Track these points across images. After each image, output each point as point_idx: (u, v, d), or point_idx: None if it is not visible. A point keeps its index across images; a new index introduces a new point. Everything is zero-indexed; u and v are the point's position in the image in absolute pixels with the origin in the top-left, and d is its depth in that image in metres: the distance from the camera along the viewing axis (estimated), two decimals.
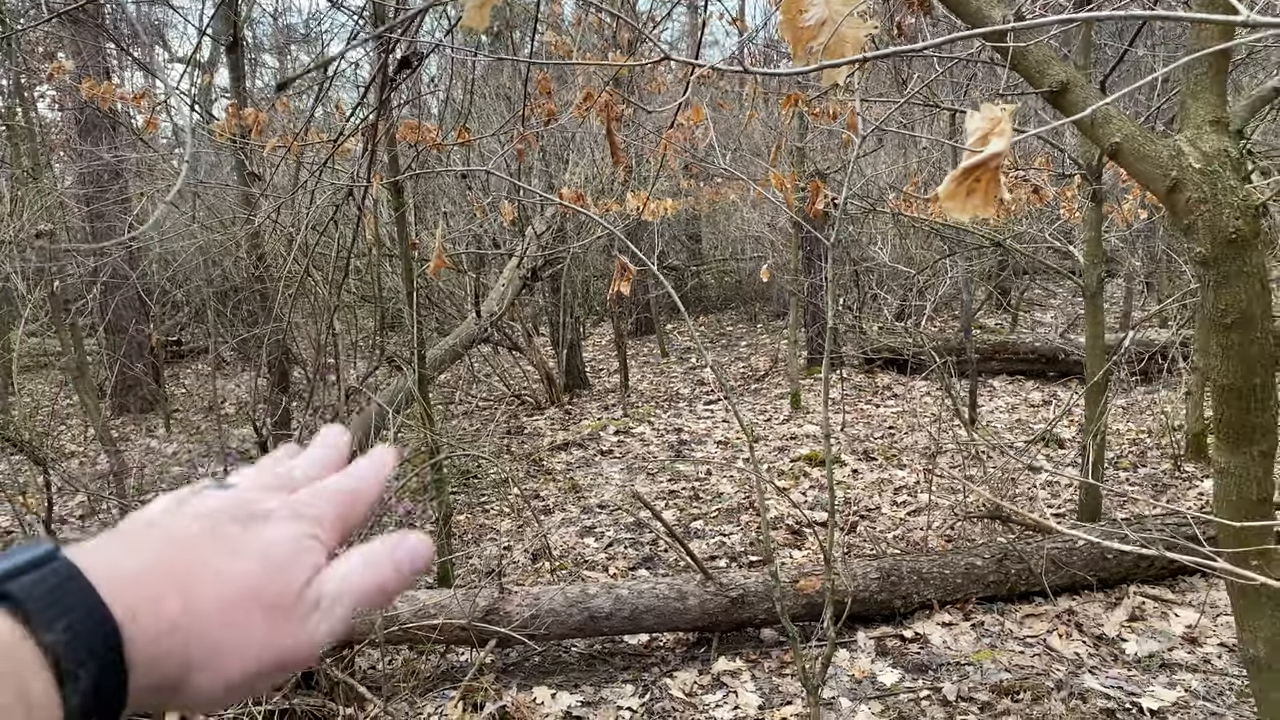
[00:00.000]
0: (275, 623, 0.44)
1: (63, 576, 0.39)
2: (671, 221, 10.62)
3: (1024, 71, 1.81)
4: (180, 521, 0.46)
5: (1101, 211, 3.89)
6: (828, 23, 1.34)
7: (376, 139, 2.92)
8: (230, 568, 0.44)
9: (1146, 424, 6.01)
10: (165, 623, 0.41)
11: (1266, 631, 1.77)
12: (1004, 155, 0.89)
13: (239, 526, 0.46)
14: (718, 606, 3.68)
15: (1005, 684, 3.34)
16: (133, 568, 0.42)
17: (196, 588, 0.43)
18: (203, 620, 0.42)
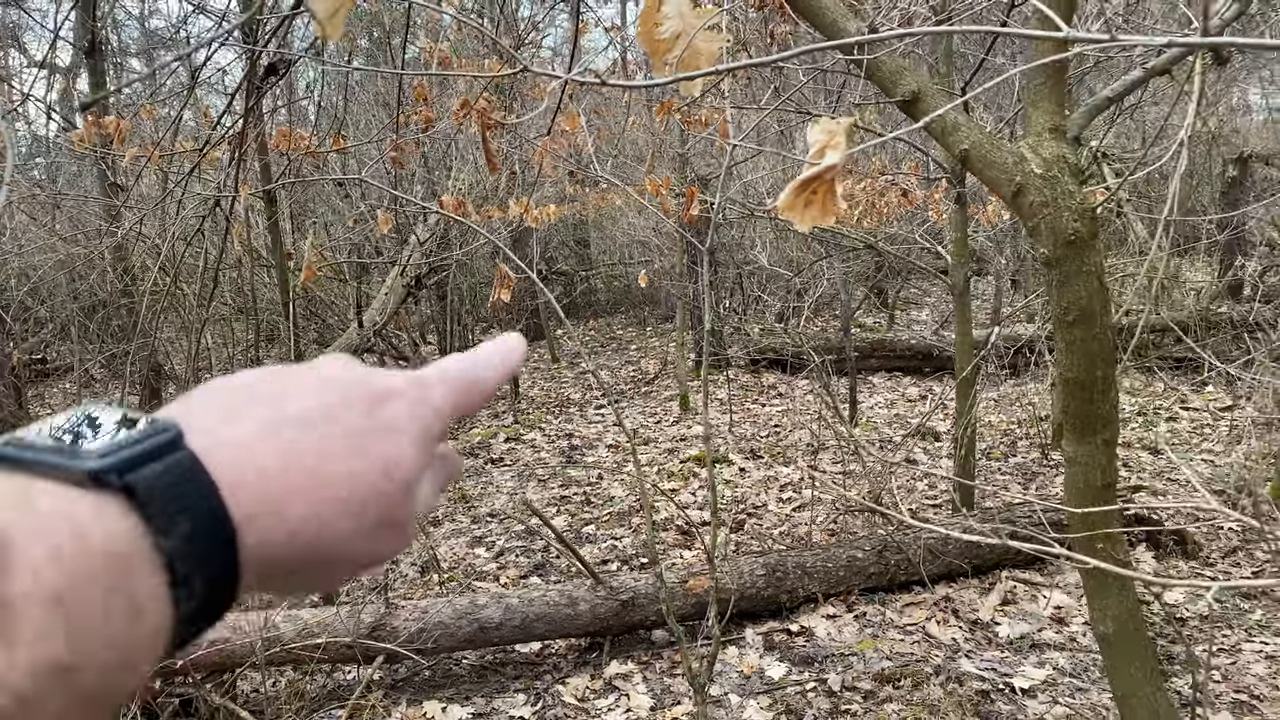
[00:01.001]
0: (385, 531, 0.42)
1: (186, 472, 0.36)
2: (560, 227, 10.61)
3: (879, 81, 1.88)
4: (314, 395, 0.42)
5: (966, 213, 4.06)
6: (682, 36, 1.36)
7: (243, 148, 2.84)
8: (356, 467, 0.41)
9: (1016, 415, 6.29)
10: (286, 530, 0.39)
11: (1114, 610, 1.87)
12: (839, 168, 0.93)
13: (372, 401, 0.43)
14: (609, 611, 3.69)
15: (887, 672, 3.45)
16: (259, 462, 0.39)
17: (321, 491, 0.40)
18: (320, 529, 0.40)
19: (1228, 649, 3.52)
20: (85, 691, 0.31)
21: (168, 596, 0.34)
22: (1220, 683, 3.30)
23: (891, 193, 4.48)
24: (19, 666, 0.29)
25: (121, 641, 0.32)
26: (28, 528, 0.31)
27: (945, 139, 1.79)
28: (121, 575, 0.33)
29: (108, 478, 0.34)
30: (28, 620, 0.30)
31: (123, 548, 0.33)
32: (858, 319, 9.24)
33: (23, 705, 0.29)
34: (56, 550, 0.31)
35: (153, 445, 0.36)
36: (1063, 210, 1.68)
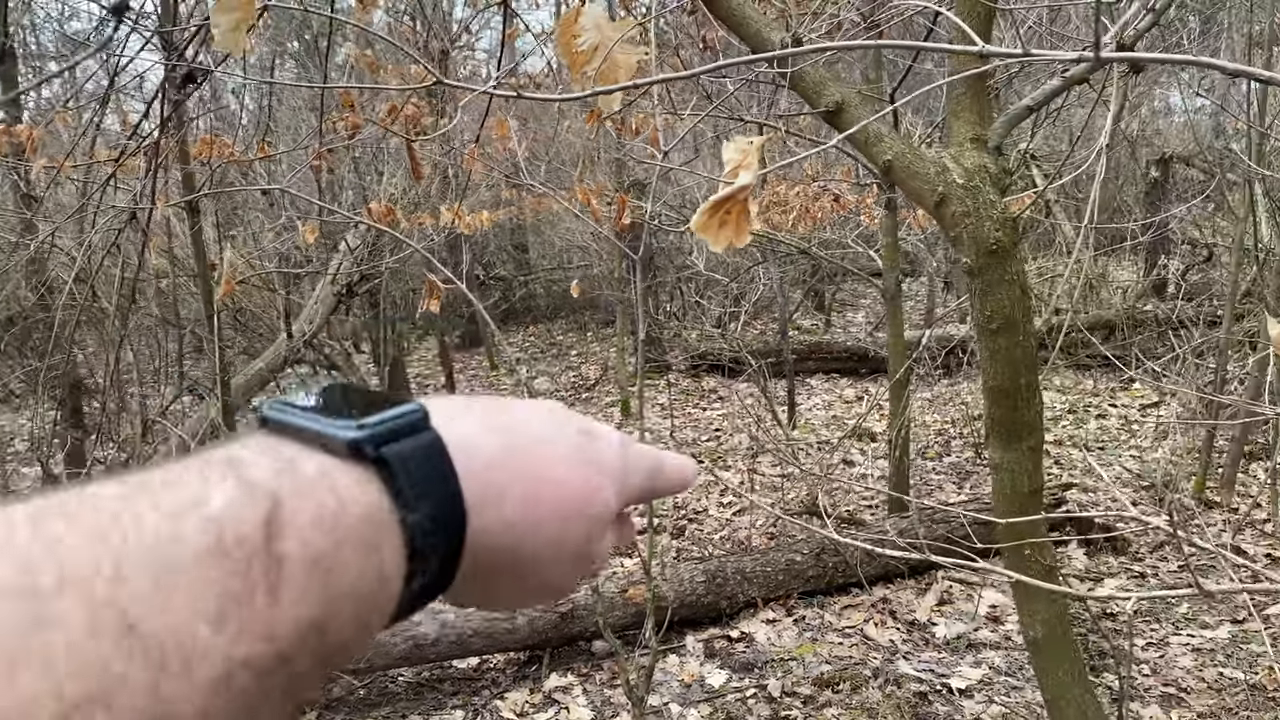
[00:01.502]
0: (578, 556, 0.45)
1: (433, 452, 0.38)
2: (497, 232, 10.52)
3: (802, 92, 1.88)
4: (537, 415, 0.45)
5: (897, 218, 4.10)
6: (600, 48, 1.34)
7: (160, 158, 2.76)
8: (568, 479, 0.44)
9: (950, 414, 6.37)
10: (501, 523, 0.41)
11: (1043, 614, 1.89)
12: (751, 188, 0.91)
13: (587, 436, 0.46)
14: (547, 623, 3.66)
15: (826, 676, 3.47)
16: (484, 455, 0.41)
17: (540, 490, 0.43)
18: (535, 527, 0.42)
19: (1156, 643, 3.60)
20: (328, 652, 0.33)
21: (405, 571, 0.36)
22: (1149, 676, 3.37)
23: (824, 198, 4.51)
24: (283, 623, 0.31)
25: (366, 608, 0.34)
26: (294, 492, 0.33)
27: (869, 150, 1.79)
28: (373, 545, 0.35)
29: (365, 449, 0.36)
30: (293, 580, 0.31)
31: (375, 517, 0.35)
32: (795, 322, 9.31)
33: (281, 660, 0.30)
34: (320, 515, 0.33)
35: (404, 423, 0.38)
36: (984, 220, 1.69)
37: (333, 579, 0.33)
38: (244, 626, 0.29)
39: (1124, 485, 5.06)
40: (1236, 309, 5.11)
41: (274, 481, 0.33)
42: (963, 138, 1.76)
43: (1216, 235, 8.47)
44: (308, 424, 0.37)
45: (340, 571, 0.33)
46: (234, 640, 0.29)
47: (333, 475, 0.35)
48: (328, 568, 0.32)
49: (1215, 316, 6.60)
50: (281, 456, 0.35)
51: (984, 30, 1.71)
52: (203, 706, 0.28)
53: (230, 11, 1.13)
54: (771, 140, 4.97)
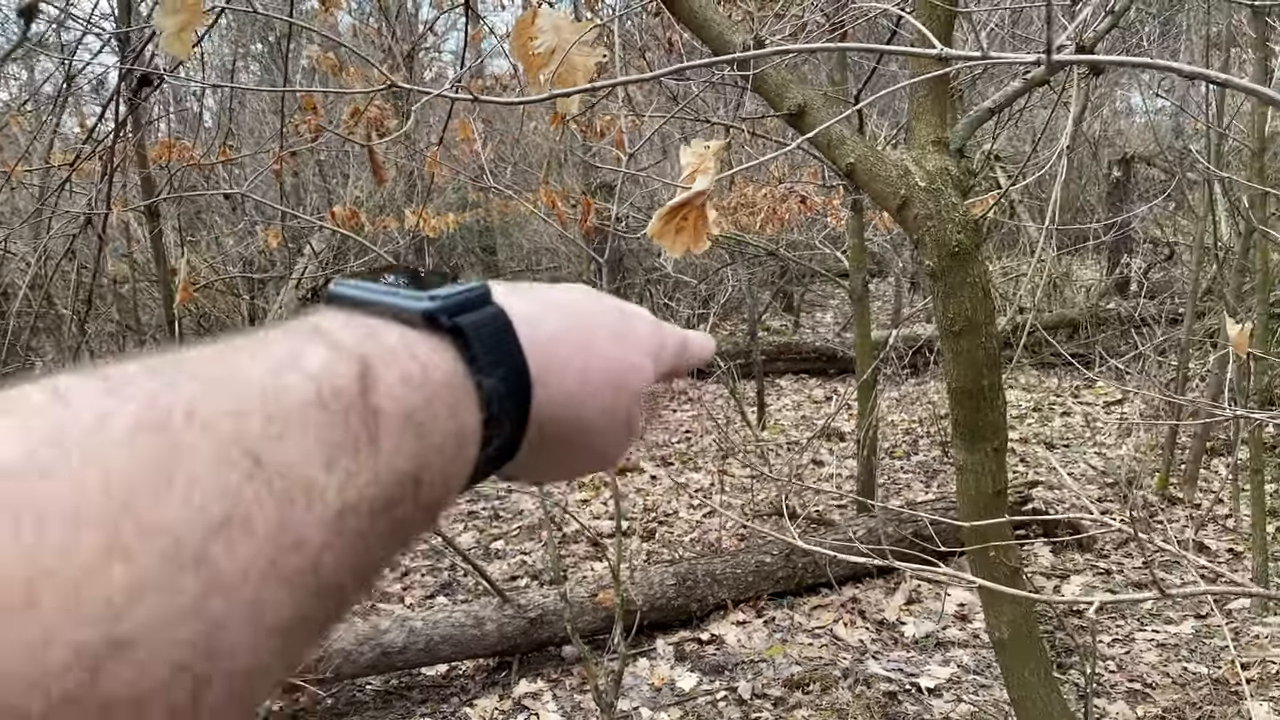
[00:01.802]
0: (624, 426, 0.47)
1: (501, 324, 0.40)
2: (464, 234, 10.46)
3: (765, 94, 1.87)
4: (580, 295, 0.48)
5: (863, 219, 4.11)
6: (557, 50, 1.33)
7: (116, 162, 2.71)
8: (614, 351, 0.47)
9: (917, 413, 6.41)
10: (562, 393, 0.43)
11: (1008, 615, 1.90)
12: (708, 193, 0.90)
13: (623, 315, 0.49)
14: (517, 629, 3.63)
15: (796, 677, 3.47)
16: (546, 330, 0.43)
17: (593, 361, 0.45)
18: (590, 397, 0.45)
19: (1121, 639, 3.63)
20: (424, 504, 0.35)
21: (480, 436, 0.38)
22: (1115, 673, 3.40)
23: (791, 199, 4.52)
24: (384, 473, 0.32)
25: (451, 467, 0.36)
26: (381, 354, 0.34)
27: (831, 153, 1.79)
28: (455, 406, 0.36)
29: (439, 318, 0.38)
30: (391, 432, 0.33)
31: (455, 381, 0.37)
32: (764, 323, 9.33)
33: (387, 504, 0.32)
34: (407, 375, 0.35)
35: (472, 296, 0.40)
36: (946, 222, 1.69)
37: (424, 433, 0.34)
38: (351, 470, 0.31)
39: (1088, 482, 5.11)
40: (1197, 307, 5.17)
41: (361, 345, 0.34)
42: (925, 140, 1.77)
43: (1178, 234, 8.59)
44: (380, 298, 0.38)
45: (430, 428, 0.35)
46: (343, 483, 0.31)
47: (413, 342, 0.36)
48: (419, 422, 0.34)
49: (1177, 314, 6.69)
50: (363, 325, 0.36)
51: (944, 33, 1.71)
52: (325, 540, 0.30)
53: (176, 14, 1.10)
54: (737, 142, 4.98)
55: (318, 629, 0.31)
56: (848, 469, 5.52)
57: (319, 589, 0.30)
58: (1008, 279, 7.69)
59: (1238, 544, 4.28)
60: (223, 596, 0.26)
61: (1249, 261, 4.40)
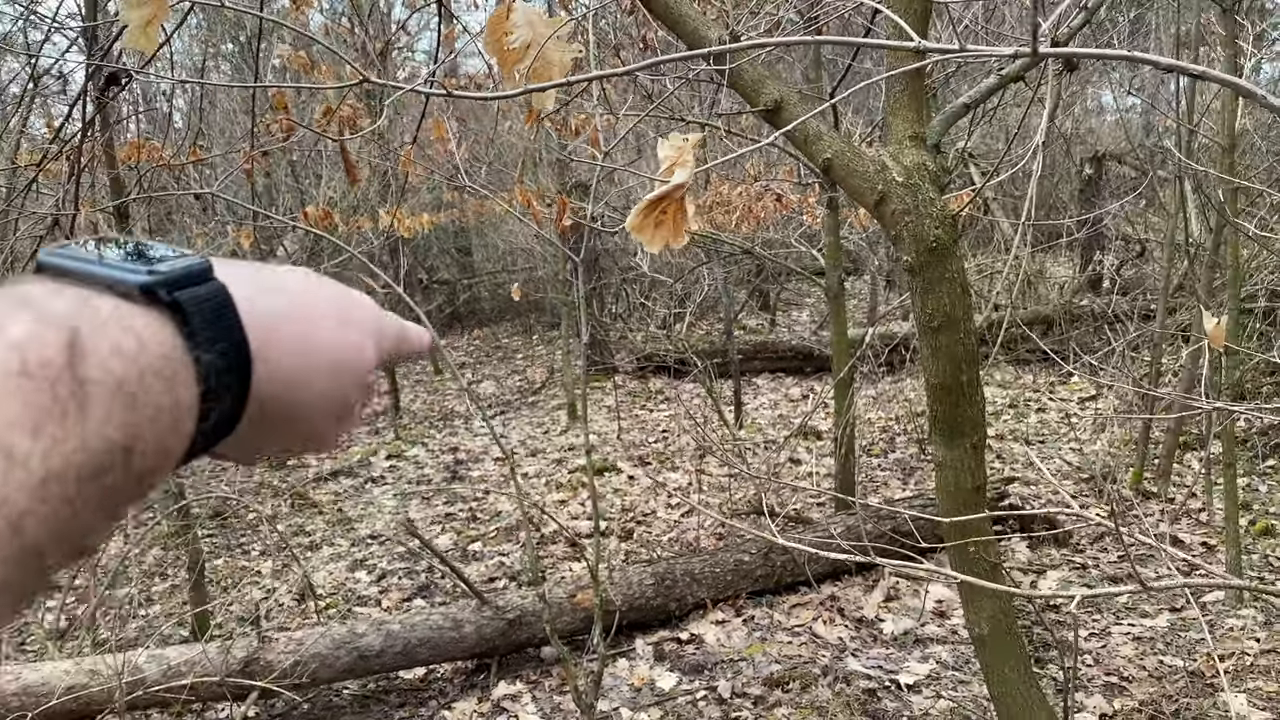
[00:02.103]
0: (343, 410, 0.48)
1: (221, 300, 0.40)
2: (440, 234, 10.40)
3: (741, 90, 1.86)
4: (301, 277, 0.48)
5: (838, 217, 4.11)
6: (532, 46, 1.31)
7: (82, 163, 2.66)
8: (336, 333, 0.47)
9: (894, 411, 6.43)
10: (283, 370, 0.43)
11: (988, 611, 1.89)
12: (686, 186, 0.89)
13: (346, 298, 0.49)
14: (495, 630, 3.60)
15: (776, 676, 3.46)
16: (268, 307, 0.43)
17: (313, 342, 0.45)
18: (311, 376, 0.45)
19: (1098, 633, 3.65)
20: (135, 474, 0.35)
21: (198, 409, 0.38)
22: (1092, 666, 3.42)
23: (767, 197, 4.52)
24: (92, 441, 0.33)
25: (167, 439, 0.37)
26: (92, 326, 0.35)
27: (808, 148, 1.78)
28: (170, 380, 0.37)
29: (159, 292, 0.38)
30: (100, 401, 0.33)
31: (172, 354, 0.37)
32: (741, 322, 9.34)
33: (94, 472, 0.33)
34: (118, 347, 0.35)
35: (192, 270, 0.40)
36: (924, 218, 1.69)
37: (137, 404, 0.35)
38: (57, 438, 0.32)
39: (1064, 477, 5.14)
40: (1169, 303, 5.22)
41: (72, 316, 0.34)
42: (901, 135, 1.76)
43: (1149, 231, 8.67)
44: (95, 270, 0.38)
45: (143, 400, 0.35)
46: (49, 450, 0.31)
47: (128, 315, 0.37)
48: (131, 393, 0.35)
49: (1149, 310, 6.75)
50: (75, 295, 0.36)
51: (920, 28, 1.71)
52: (26, 506, 0.31)
53: (141, 7, 1.08)
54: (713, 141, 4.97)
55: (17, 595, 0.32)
56: (825, 467, 5.52)
57: (20, 554, 0.31)
58: (983, 276, 7.73)
59: (1211, 537, 4.32)
60: None
61: (1220, 257, 4.44)
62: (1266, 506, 4.61)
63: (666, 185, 0.93)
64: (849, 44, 1.49)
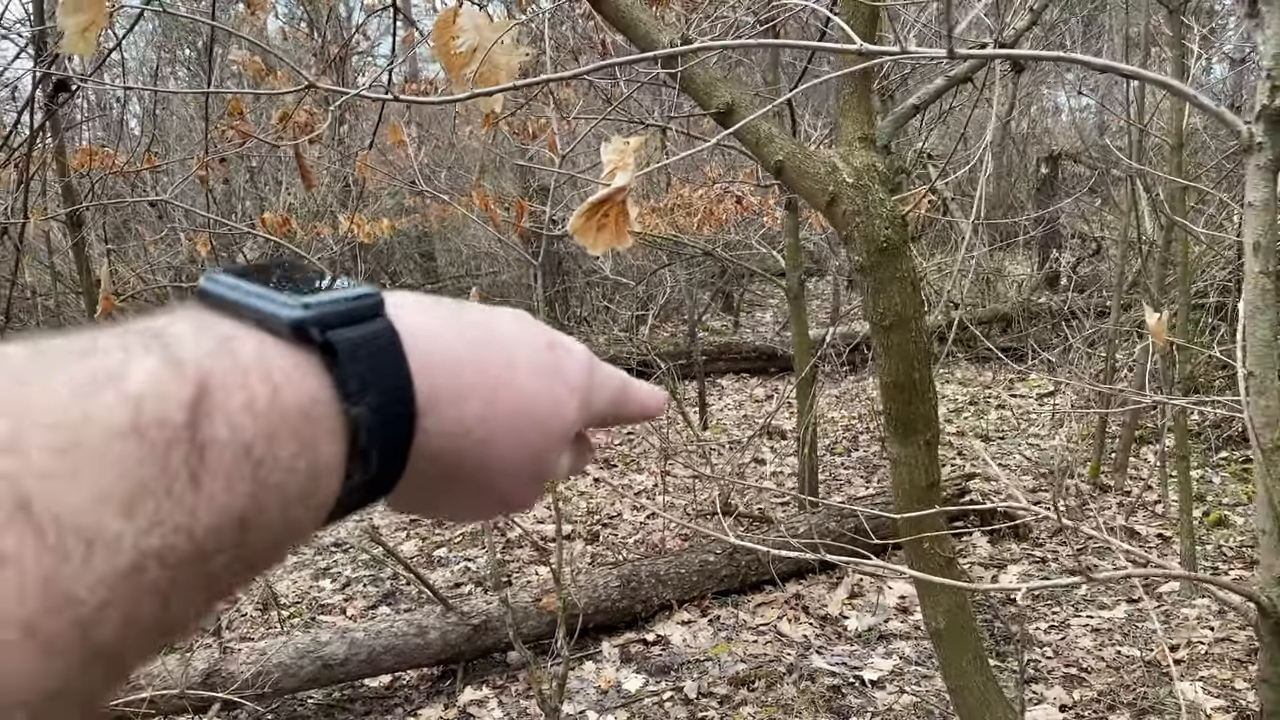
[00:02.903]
0: (534, 472, 0.42)
1: (385, 341, 0.35)
2: (402, 240, 10.33)
3: (693, 94, 1.87)
4: (502, 318, 0.43)
5: (797, 218, 4.15)
6: (479, 49, 1.31)
7: (32, 171, 2.62)
8: (532, 384, 0.41)
9: (857, 410, 6.48)
10: (459, 424, 0.38)
11: (944, 605, 1.92)
12: (628, 189, 0.90)
13: (553, 346, 0.44)
14: (460, 636, 3.59)
15: (742, 675, 3.48)
16: (446, 352, 0.38)
17: (503, 392, 0.40)
18: (497, 433, 0.40)
19: (1057, 625, 3.71)
20: (253, 549, 0.30)
21: (343, 468, 0.34)
22: (1052, 658, 3.47)
23: (727, 199, 4.54)
24: (203, 517, 0.28)
25: (296, 504, 0.32)
26: (226, 375, 0.30)
27: (760, 151, 1.80)
28: (309, 438, 0.32)
29: (310, 331, 0.33)
30: (220, 469, 0.29)
31: (313, 409, 0.32)
32: (705, 323, 9.37)
33: (200, 555, 0.28)
34: (251, 402, 0.30)
35: (356, 307, 0.35)
36: (874, 218, 1.71)
37: (263, 472, 0.30)
38: (159, 516, 0.27)
39: (1023, 473, 5.22)
40: (1123, 300, 5.31)
41: (206, 361, 0.30)
42: (852, 137, 1.78)
43: (1105, 229, 8.81)
44: (249, 300, 0.34)
45: (271, 464, 0.30)
46: (146, 530, 0.27)
47: (271, 358, 0.32)
48: (258, 459, 0.30)
49: (1104, 307, 6.86)
50: (217, 334, 0.32)
51: (868, 31, 1.73)
52: (106, 597, 0.26)
53: (78, 13, 1.07)
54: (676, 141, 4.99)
55: (84, 699, 0.26)
56: (789, 466, 5.56)
57: (88, 659, 0.26)
58: (943, 275, 7.82)
59: (1167, 529, 4.40)
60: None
61: (1171, 254, 4.53)
62: (1220, 498, 4.71)
63: (608, 189, 0.93)
64: (793, 47, 1.51)
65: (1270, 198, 0.82)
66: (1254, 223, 0.83)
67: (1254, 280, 0.84)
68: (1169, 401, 1.96)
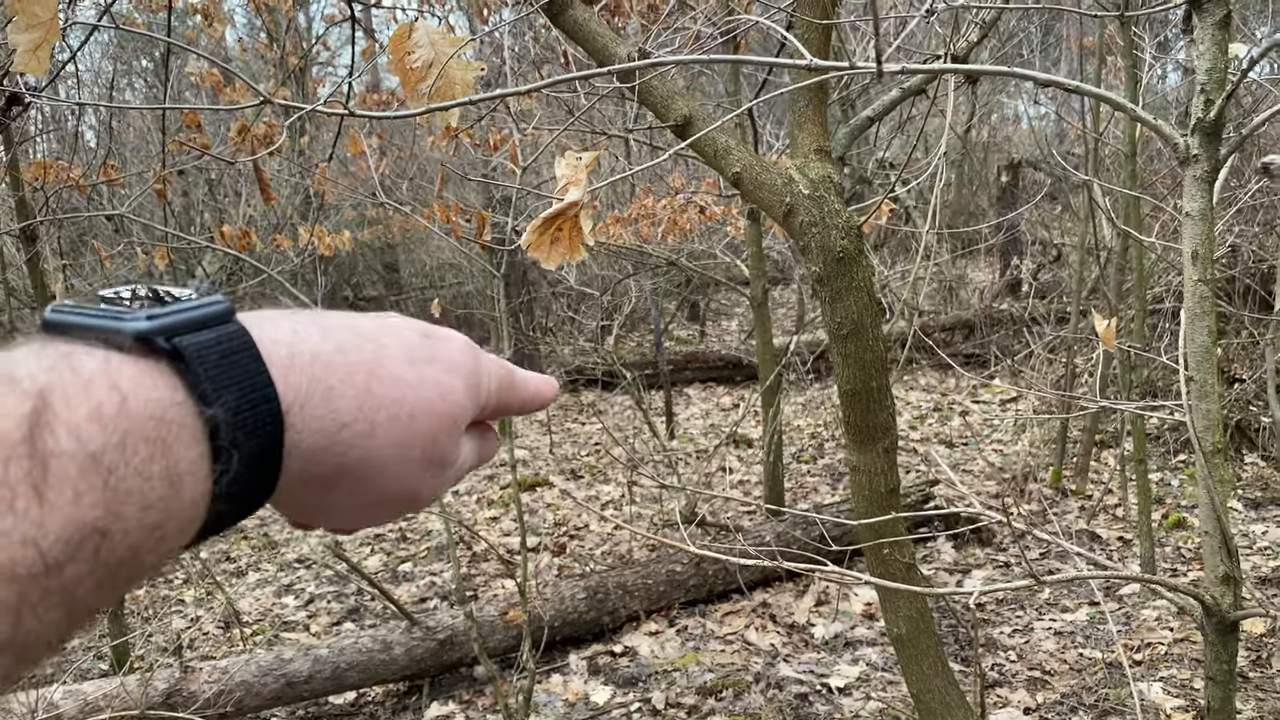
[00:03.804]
0: (429, 462, 0.42)
1: (236, 344, 0.35)
2: (366, 252, 10.28)
3: (651, 106, 1.88)
4: (376, 319, 0.43)
5: (760, 228, 4.17)
6: (435, 64, 1.31)
7: None
8: (409, 374, 0.41)
9: (823, 417, 6.52)
10: (333, 420, 0.38)
11: (904, 611, 1.93)
12: (580, 204, 0.90)
13: (427, 336, 0.43)
14: (426, 651, 3.57)
15: (709, 684, 3.48)
16: (311, 351, 0.38)
17: (376, 386, 0.39)
18: (370, 430, 0.39)
19: (1021, 629, 3.74)
20: (113, 560, 0.30)
21: (207, 471, 0.33)
22: (1016, 662, 3.50)
23: (691, 209, 4.56)
24: (51, 528, 0.28)
25: (156, 511, 0.31)
26: (67, 387, 0.30)
27: (718, 163, 1.81)
28: (162, 441, 0.32)
29: (155, 340, 0.33)
30: (66, 479, 0.29)
31: (165, 413, 0.32)
32: (671, 332, 9.39)
33: (50, 568, 0.28)
34: (97, 410, 0.30)
35: (204, 315, 0.35)
36: (830, 229, 1.72)
37: (114, 479, 0.30)
38: (1, 530, 0.27)
39: (987, 478, 5.27)
40: (1083, 306, 5.38)
41: (44, 376, 0.30)
42: (807, 149, 1.80)
43: (1064, 236, 8.93)
44: (92, 321, 0.34)
45: (123, 470, 0.30)
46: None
47: (116, 369, 0.32)
48: (109, 466, 0.30)
49: (1065, 313, 6.95)
50: (57, 352, 0.31)
51: (822, 45, 1.75)
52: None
53: (29, 31, 1.06)
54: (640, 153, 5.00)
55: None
56: (756, 474, 5.57)
57: None
58: (905, 283, 7.88)
59: (1127, 532, 4.46)
60: None
61: (1128, 261, 4.60)
62: (1178, 500, 4.78)
63: (561, 203, 0.94)
64: (743, 63, 1.52)
65: (1207, 207, 0.84)
66: (1192, 232, 0.84)
67: (1193, 288, 0.86)
68: (1116, 406, 1.99)
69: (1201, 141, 0.84)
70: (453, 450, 0.43)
